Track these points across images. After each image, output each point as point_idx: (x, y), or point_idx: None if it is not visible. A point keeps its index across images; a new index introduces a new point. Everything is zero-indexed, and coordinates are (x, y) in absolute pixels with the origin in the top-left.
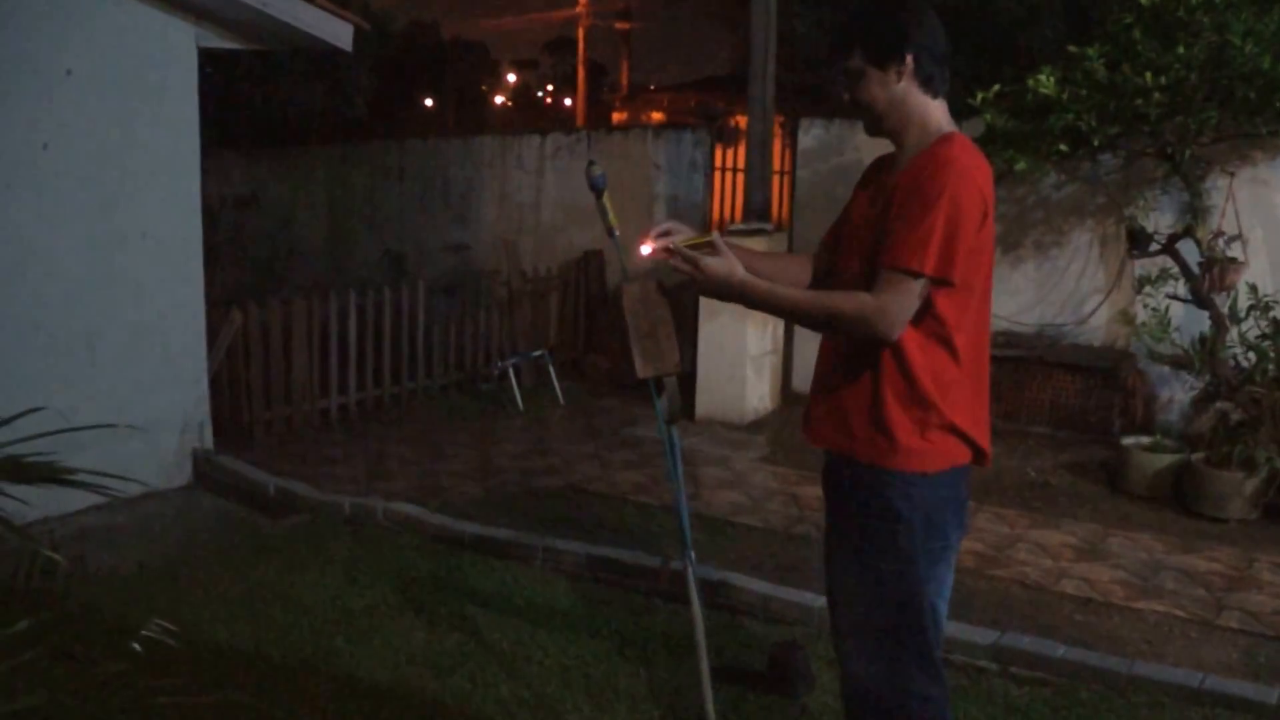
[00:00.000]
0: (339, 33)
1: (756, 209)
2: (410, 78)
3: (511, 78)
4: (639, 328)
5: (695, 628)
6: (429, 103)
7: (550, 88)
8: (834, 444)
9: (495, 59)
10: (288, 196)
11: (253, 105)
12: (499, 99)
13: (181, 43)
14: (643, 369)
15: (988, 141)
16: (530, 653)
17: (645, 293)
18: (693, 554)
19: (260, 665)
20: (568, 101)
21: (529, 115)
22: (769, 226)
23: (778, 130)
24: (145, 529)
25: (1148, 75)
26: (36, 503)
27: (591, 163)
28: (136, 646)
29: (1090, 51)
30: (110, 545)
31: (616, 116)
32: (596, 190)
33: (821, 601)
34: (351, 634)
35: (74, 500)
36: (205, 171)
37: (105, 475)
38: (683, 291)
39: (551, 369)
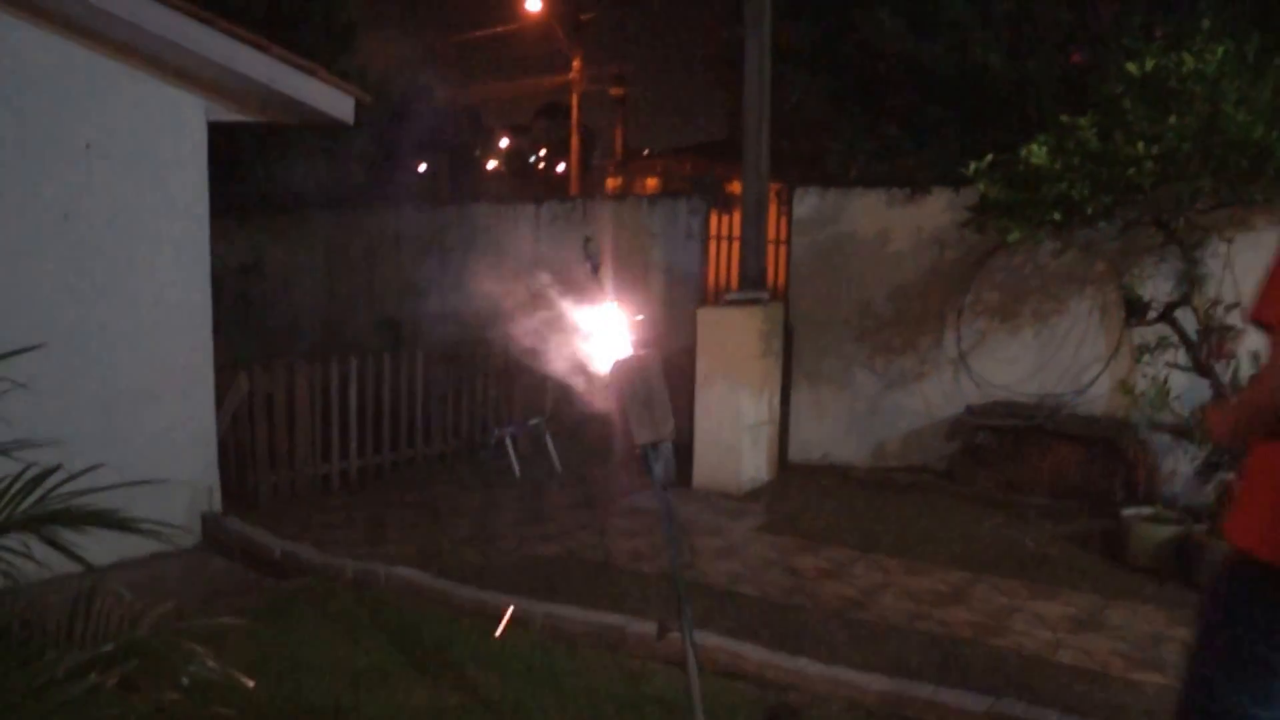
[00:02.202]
0: (341, 106)
1: (752, 277)
2: (405, 144)
3: (504, 143)
4: (635, 396)
5: (691, 685)
6: (421, 168)
7: (543, 152)
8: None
9: (488, 124)
10: (288, 264)
11: (256, 174)
12: (491, 164)
13: (193, 116)
14: (640, 435)
15: (982, 211)
16: (530, 714)
17: (643, 364)
18: (689, 611)
19: (272, 716)
20: (560, 167)
21: (521, 181)
22: (765, 295)
23: (773, 198)
24: (159, 587)
25: (1139, 144)
26: (56, 562)
27: (588, 239)
28: (185, 681)
29: (1082, 121)
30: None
31: (611, 182)
32: (594, 264)
33: (816, 668)
34: (356, 691)
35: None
36: (210, 239)
37: (160, 524)
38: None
39: (548, 437)
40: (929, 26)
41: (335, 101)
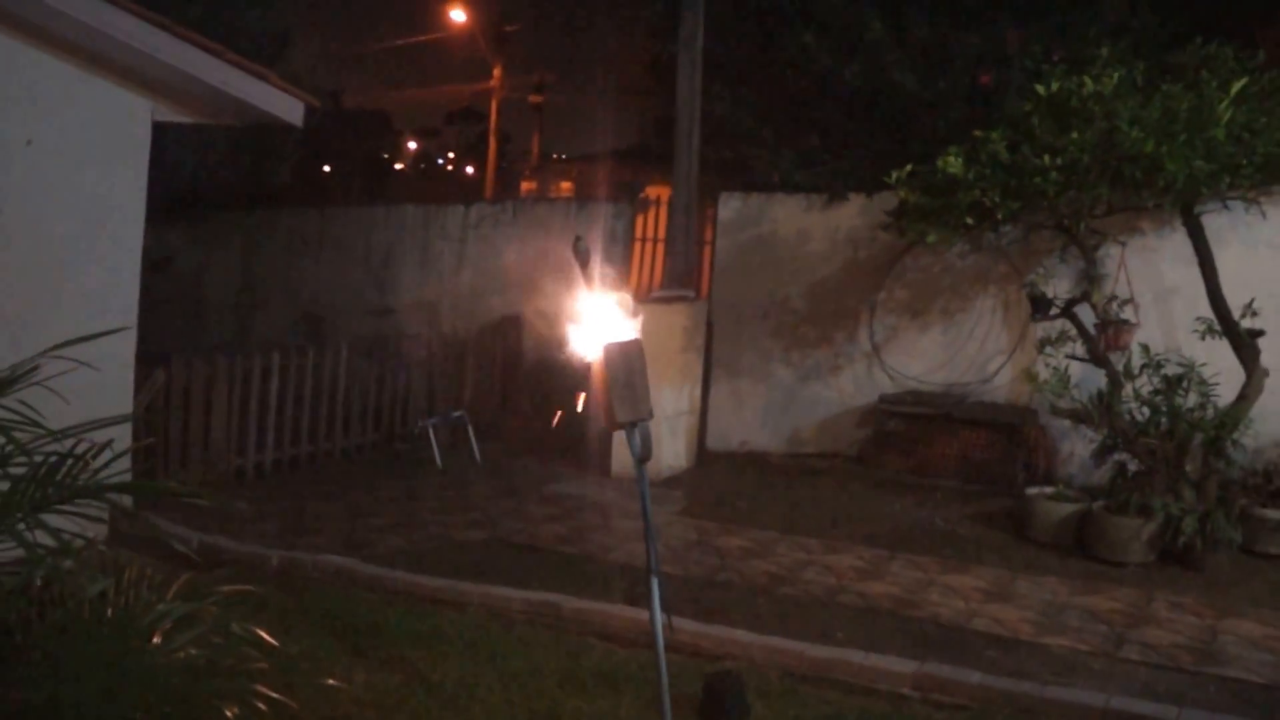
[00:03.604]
0: (290, 109)
1: (678, 276)
2: (320, 146)
3: (412, 145)
4: (618, 380)
5: (656, 641)
6: (326, 169)
7: (451, 155)
8: None
9: (397, 128)
10: (203, 260)
11: (181, 171)
12: (399, 166)
13: (137, 116)
14: (621, 415)
15: (901, 215)
16: (473, 690)
17: (625, 350)
18: (657, 580)
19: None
20: (469, 170)
21: (432, 183)
22: (690, 293)
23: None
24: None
25: (1045, 157)
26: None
27: (578, 238)
28: (218, 641)
29: (993, 135)
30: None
31: (526, 186)
32: (583, 261)
33: (751, 638)
34: (291, 676)
35: None
36: None
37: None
38: None
39: (469, 429)
40: (849, 47)
41: (285, 105)
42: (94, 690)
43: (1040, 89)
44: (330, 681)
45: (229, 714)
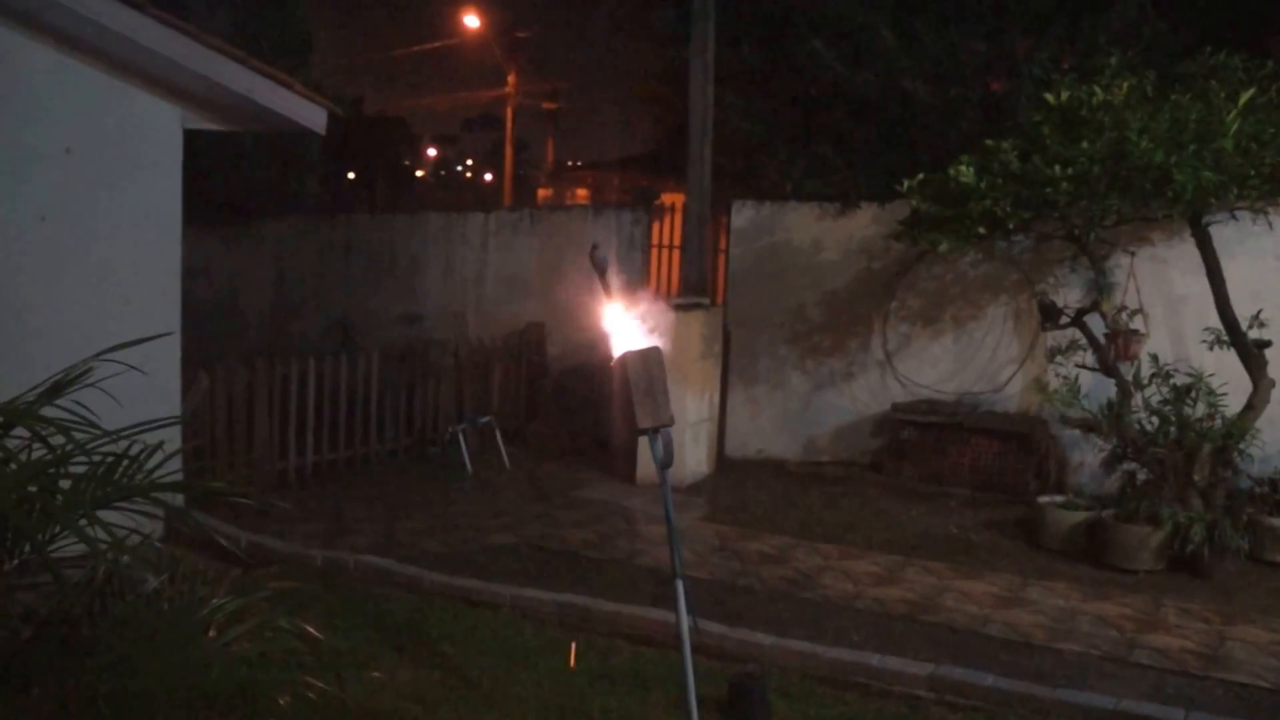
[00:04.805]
0: (314, 117)
1: (694, 283)
2: (344, 153)
3: (432, 152)
4: (639, 387)
5: (682, 642)
6: (351, 176)
7: (470, 162)
8: None
9: (416, 134)
10: (236, 268)
11: (213, 181)
12: (419, 173)
13: (169, 124)
14: (642, 421)
15: (913, 224)
16: (508, 687)
17: (645, 357)
18: (681, 583)
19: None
20: (488, 176)
21: (449, 189)
22: (706, 300)
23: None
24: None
25: (1056, 166)
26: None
27: (595, 246)
28: (268, 635)
29: (1005, 145)
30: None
31: (542, 193)
32: (600, 269)
33: (771, 640)
34: (341, 671)
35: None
36: None
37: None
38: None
39: (498, 434)
40: (859, 55)
41: (309, 113)
42: (158, 680)
43: (1050, 98)
44: (375, 675)
45: (282, 703)
